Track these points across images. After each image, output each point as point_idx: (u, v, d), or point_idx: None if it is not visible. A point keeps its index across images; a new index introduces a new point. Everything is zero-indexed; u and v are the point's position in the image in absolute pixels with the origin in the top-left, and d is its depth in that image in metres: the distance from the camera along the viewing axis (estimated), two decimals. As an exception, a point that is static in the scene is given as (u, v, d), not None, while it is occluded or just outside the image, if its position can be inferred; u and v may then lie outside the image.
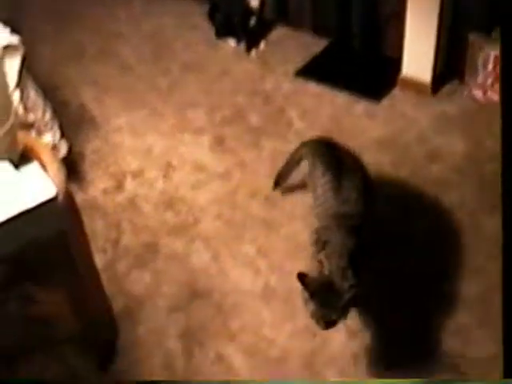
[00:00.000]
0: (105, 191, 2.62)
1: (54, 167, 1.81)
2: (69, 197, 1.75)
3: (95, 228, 2.45)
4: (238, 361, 2.10)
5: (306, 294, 1.88)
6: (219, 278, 2.30)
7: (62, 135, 2.63)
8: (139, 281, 2.31)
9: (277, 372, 2.06)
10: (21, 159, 1.82)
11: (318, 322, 1.89)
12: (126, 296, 2.27)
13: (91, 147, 2.80)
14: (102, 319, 2.13)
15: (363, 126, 2.81)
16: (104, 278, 2.14)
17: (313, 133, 2.65)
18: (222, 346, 2.13)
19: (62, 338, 2.15)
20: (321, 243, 2.01)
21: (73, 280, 1.96)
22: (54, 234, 1.70)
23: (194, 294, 2.26)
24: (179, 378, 2.06)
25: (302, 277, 1.88)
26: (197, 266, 2.34)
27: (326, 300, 1.87)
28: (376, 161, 2.58)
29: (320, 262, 1.95)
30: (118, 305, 2.23)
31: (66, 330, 2.15)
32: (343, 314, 1.89)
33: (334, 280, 1.89)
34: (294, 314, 2.18)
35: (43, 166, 1.81)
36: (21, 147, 1.84)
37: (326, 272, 1.92)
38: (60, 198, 1.69)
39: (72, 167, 2.63)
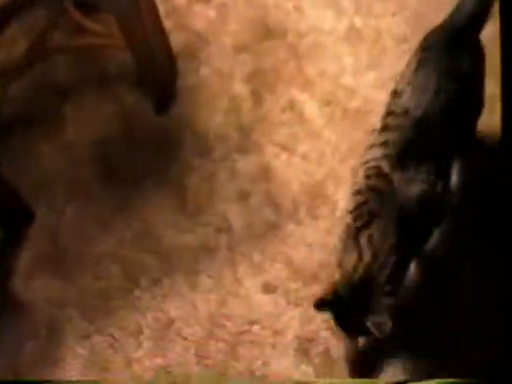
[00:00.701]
0: None
1: None
2: None
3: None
4: (312, 109, 1.88)
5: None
6: (295, 16, 2.00)
7: None
8: (202, 16, 2.03)
9: (355, 125, 1.84)
10: None
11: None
12: (187, 32, 2.01)
13: None
14: (160, 56, 1.91)
15: None
16: (161, 10, 1.89)
17: None
18: (295, 93, 1.91)
19: (115, 74, 1.97)
20: (365, 215, 1.44)
21: (125, 6, 1.70)
22: None
23: (266, 33, 1.99)
24: (246, 124, 1.88)
25: (320, 305, 1.39)
26: (269, 2, 2.03)
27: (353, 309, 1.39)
28: None
29: (359, 250, 1.40)
30: (177, 42, 1.98)
31: (119, 67, 1.96)
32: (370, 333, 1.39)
33: (373, 279, 1.38)
34: (380, 63, 1.90)
35: None
36: None
37: (362, 268, 1.38)
38: None
39: None
